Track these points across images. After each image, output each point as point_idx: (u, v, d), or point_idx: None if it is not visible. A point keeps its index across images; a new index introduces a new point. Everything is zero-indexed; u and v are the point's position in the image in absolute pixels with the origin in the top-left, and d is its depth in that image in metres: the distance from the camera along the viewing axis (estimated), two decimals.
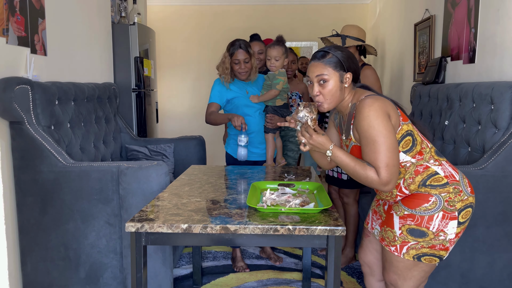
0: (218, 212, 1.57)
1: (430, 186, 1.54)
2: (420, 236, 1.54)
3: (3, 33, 2.10)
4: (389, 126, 1.46)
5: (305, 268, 2.47)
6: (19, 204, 2.17)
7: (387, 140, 1.44)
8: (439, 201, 1.52)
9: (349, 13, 5.78)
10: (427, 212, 1.52)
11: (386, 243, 1.62)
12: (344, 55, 1.56)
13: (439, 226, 1.52)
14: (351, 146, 1.60)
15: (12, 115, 2.10)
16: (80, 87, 2.68)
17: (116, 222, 2.15)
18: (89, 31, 3.15)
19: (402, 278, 1.60)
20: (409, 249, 1.56)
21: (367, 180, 1.48)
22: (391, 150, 1.45)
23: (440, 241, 1.53)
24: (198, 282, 2.56)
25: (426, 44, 3.46)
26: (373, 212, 1.80)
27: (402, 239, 1.56)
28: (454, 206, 1.53)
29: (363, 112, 1.47)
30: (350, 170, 1.52)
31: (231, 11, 5.78)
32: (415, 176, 1.55)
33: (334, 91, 1.55)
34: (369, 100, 1.49)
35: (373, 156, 1.46)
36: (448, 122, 2.57)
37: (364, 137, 1.48)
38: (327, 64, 1.54)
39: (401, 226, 1.57)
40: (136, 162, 2.16)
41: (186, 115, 5.97)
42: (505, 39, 2.31)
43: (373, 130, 1.45)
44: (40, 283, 2.21)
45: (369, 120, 1.45)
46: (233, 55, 2.59)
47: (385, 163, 1.44)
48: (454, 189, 1.53)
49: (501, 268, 2.07)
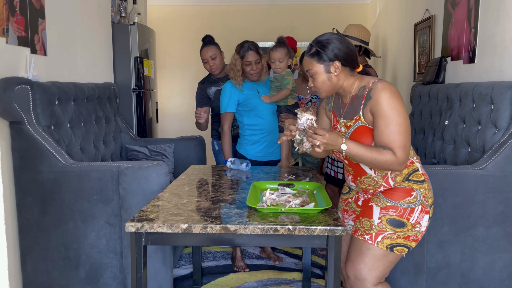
0: (218, 212, 1.57)
1: (413, 181, 1.64)
2: (399, 227, 1.62)
3: (3, 33, 2.10)
4: (405, 110, 1.55)
5: (305, 268, 2.47)
6: (19, 204, 2.17)
7: (405, 122, 1.53)
8: (419, 195, 1.63)
9: (349, 13, 5.78)
10: (410, 205, 1.62)
11: (360, 232, 1.68)
12: (330, 46, 1.57)
13: (417, 218, 1.62)
14: (355, 126, 1.62)
15: (12, 115, 2.10)
16: (80, 87, 2.68)
17: (116, 222, 2.15)
18: (89, 31, 3.15)
19: (368, 268, 1.64)
20: (384, 238, 1.62)
21: (387, 163, 1.53)
22: (408, 132, 1.54)
23: (415, 232, 1.63)
24: (198, 282, 2.56)
25: (426, 44, 3.46)
26: (343, 212, 1.84)
27: (380, 227, 1.63)
28: (428, 201, 1.65)
29: (384, 94, 1.53)
30: (367, 159, 1.53)
31: (231, 11, 5.78)
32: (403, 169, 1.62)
33: (323, 82, 1.62)
34: (386, 84, 1.56)
35: (393, 136, 1.52)
36: (448, 122, 2.57)
37: (384, 117, 1.52)
38: (312, 58, 1.61)
39: (382, 216, 1.64)
40: (136, 162, 2.16)
41: (186, 115, 5.96)
42: (505, 39, 2.31)
43: (395, 111, 1.52)
44: (40, 283, 2.21)
45: (390, 101, 1.52)
46: (244, 57, 2.59)
47: (403, 144, 1.52)
48: (428, 186, 1.68)
49: (501, 268, 2.07)
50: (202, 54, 2.89)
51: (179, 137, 3.43)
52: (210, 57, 2.86)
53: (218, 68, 2.91)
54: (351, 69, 1.64)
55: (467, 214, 2.02)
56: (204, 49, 2.88)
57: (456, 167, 2.05)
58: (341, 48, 1.58)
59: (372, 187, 1.68)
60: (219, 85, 2.90)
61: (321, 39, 1.60)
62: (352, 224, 1.76)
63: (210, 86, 2.94)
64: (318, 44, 1.59)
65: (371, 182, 1.67)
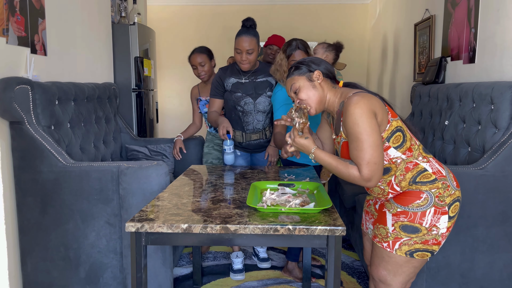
0: (218, 212, 1.57)
1: (420, 183, 1.58)
2: (413, 232, 1.57)
3: (3, 33, 2.10)
4: (374, 124, 1.49)
5: (305, 268, 2.47)
6: (19, 204, 2.17)
7: (370, 138, 1.48)
8: (430, 197, 1.56)
9: (349, 13, 5.78)
10: (420, 208, 1.56)
11: (378, 239, 1.66)
12: (308, 60, 1.69)
13: (432, 221, 1.56)
14: (341, 142, 1.64)
15: (12, 115, 2.10)
16: (80, 87, 2.68)
17: (116, 222, 2.15)
18: (89, 31, 3.15)
19: (392, 274, 1.63)
20: (402, 245, 1.59)
21: (350, 178, 1.54)
22: (374, 148, 1.48)
23: (433, 236, 1.57)
24: (198, 282, 2.56)
25: (426, 44, 3.46)
26: (365, 213, 1.85)
27: (395, 235, 1.60)
28: (444, 201, 1.57)
29: (348, 110, 1.51)
30: (333, 169, 1.59)
31: (231, 11, 5.78)
32: (406, 173, 1.58)
33: (307, 90, 1.65)
34: (355, 98, 1.52)
35: (356, 153, 1.51)
36: (448, 122, 2.57)
37: (350, 133, 1.52)
38: (292, 75, 1.69)
39: (394, 222, 1.60)
40: (136, 162, 2.16)
41: (186, 115, 5.96)
42: (505, 39, 2.31)
43: (357, 128, 1.49)
44: (40, 283, 2.21)
45: (354, 118, 1.49)
46: (291, 56, 2.44)
47: (366, 160, 1.49)
48: (443, 184, 1.58)
49: (501, 268, 2.07)
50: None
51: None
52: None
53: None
54: (333, 82, 1.69)
55: (467, 214, 2.03)
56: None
57: (456, 167, 2.05)
58: (317, 61, 1.69)
59: (382, 195, 1.67)
60: (240, 78, 2.71)
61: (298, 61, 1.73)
62: (372, 229, 1.76)
63: (231, 76, 2.71)
64: (295, 63, 1.71)
65: (379, 190, 1.66)
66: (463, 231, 2.04)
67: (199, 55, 2.94)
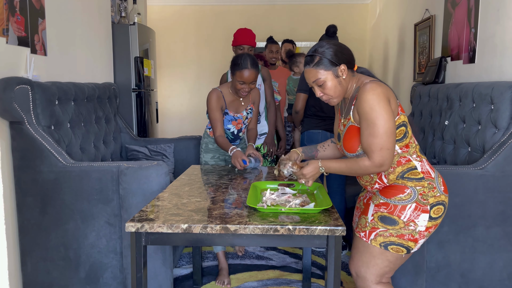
0: (218, 212, 1.57)
1: (407, 178, 1.60)
2: (390, 224, 1.59)
3: (3, 33, 2.10)
4: (389, 111, 1.51)
5: (305, 268, 2.47)
6: (19, 204, 2.17)
7: (386, 123, 1.50)
8: (414, 193, 1.58)
9: (349, 13, 5.78)
10: (401, 202, 1.59)
11: (358, 229, 1.69)
12: (331, 51, 1.58)
13: (411, 216, 1.58)
14: (348, 125, 1.64)
15: (12, 115, 2.10)
16: (80, 87, 2.68)
17: (116, 222, 2.15)
18: (89, 31, 3.15)
19: (365, 266, 1.65)
20: (377, 236, 1.61)
21: (363, 169, 1.56)
22: (389, 134, 1.50)
23: (410, 231, 1.59)
24: (198, 282, 2.56)
25: (426, 44, 3.46)
26: (356, 210, 1.88)
27: (372, 225, 1.63)
28: (427, 200, 1.58)
29: (365, 95, 1.52)
30: (346, 170, 1.61)
31: (231, 11, 5.78)
32: (396, 167, 1.61)
33: (334, 87, 1.61)
34: (372, 85, 1.54)
35: (371, 139, 1.52)
36: (448, 122, 2.57)
37: (365, 119, 1.53)
38: (318, 67, 1.59)
39: (374, 213, 1.63)
40: (136, 162, 2.16)
41: (186, 115, 5.97)
42: (505, 39, 2.31)
43: (373, 112, 1.50)
44: (40, 283, 2.21)
45: (371, 103, 1.50)
46: None
47: (380, 146, 1.50)
48: (429, 184, 1.60)
49: (501, 268, 2.07)
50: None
51: (179, 137, 3.42)
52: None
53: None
54: (352, 70, 1.66)
55: (467, 214, 2.03)
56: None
57: (456, 167, 2.05)
58: (341, 51, 1.60)
59: (369, 183, 1.69)
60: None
61: (320, 48, 1.60)
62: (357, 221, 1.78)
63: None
64: (317, 52, 1.60)
65: (367, 178, 1.69)
66: (463, 231, 2.04)
67: (252, 73, 2.40)
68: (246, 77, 2.41)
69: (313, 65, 1.60)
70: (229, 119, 2.61)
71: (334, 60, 1.58)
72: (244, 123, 2.66)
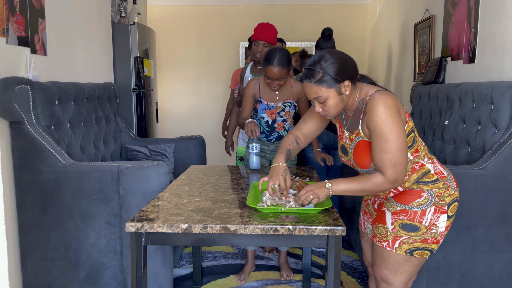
0: (218, 212, 1.57)
1: (422, 182, 1.58)
2: (413, 231, 1.57)
3: (3, 33, 2.10)
4: (401, 124, 1.46)
5: (305, 268, 2.47)
6: (19, 204, 2.17)
7: (398, 138, 1.44)
8: (431, 196, 1.56)
9: (349, 13, 5.78)
10: (420, 207, 1.56)
11: (378, 239, 1.65)
12: (335, 67, 1.47)
13: (431, 220, 1.56)
14: (357, 140, 1.58)
15: (12, 115, 2.10)
16: (80, 87, 2.68)
17: (116, 222, 2.15)
18: (89, 31, 3.15)
19: (394, 273, 1.63)
20: (401, 244, 1.59)
21: (377, 186, 1.48)
22: (401, 149, 1.45)
23: (432, 235, 1.57)
24: (198, 282, 2.56)
25: (426, 44, 3.46)
26: (363, 213, 1.84)
27: (394, 234, 1.59)
28: (444, 200, 1.57)
29: (377, 109, 1.45)
30: (359, 190, 1.51)
31: (231, 11, 5.78)
32: (411, 174, 1.57)
33: (336, 105, 1.53)
34: (382, 96, 1.47)
35: (383, 154, 1.45)
36: (448, 122, 2.57)
37: (377, 134, 1.46)
38: (320, 85, 1.49)
39: (394, 221, 1.60)
40: (136, 162, 2.16)
41: (186, 115, 5.96)
42: (505, 39, 2.31)
43: (387, 127, 1.44)
44: (40, 283, 2.21)
45: (383, 117, 1.44)
46: None
47: (393, 163, 1.45)
48: (443, 184, 1.58)
49: (501, 268, 2.07)
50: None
51: (179, 137, 3.42)
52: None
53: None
54: (354, 83, 1.56)
55: (467, 214, 2.03)
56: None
57: (456, 167, 2.05)
58: (346, 66, 1.50)
59: (382, 193, 1.65)
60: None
61: (323, 62, 1.48)
62: (370, 228, 1.74)
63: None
64: (319, 67, 1.48)
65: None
66: (463, 231, 2.04)
67: (278, 70, 2.37)
68: (271, 73, 2.38)
69: (314, 81, 1.49)
70: (263, 108, 2.56)
71: (338, 77, 1.48)
72: (280, 115, 2.56)
